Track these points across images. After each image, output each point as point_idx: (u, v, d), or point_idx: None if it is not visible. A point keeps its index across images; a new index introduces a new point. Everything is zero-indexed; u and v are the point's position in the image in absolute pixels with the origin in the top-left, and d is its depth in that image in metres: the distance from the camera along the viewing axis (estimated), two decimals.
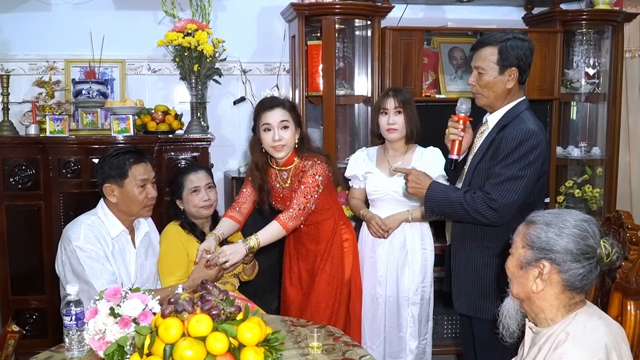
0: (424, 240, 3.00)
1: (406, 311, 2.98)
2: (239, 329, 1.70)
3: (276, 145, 2.64)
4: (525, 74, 2.35)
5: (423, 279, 2.98)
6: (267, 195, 2.76)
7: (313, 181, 2.65)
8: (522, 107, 2.36)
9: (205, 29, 3.51)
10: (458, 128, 2.44)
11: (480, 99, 2.40)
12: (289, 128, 2.66)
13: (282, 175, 2.75)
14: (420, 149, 3.00)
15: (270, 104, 2.66)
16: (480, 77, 2.35)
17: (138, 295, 1.94)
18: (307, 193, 2.64)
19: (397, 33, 3.62)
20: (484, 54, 2.34)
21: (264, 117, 2.65)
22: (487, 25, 4.04)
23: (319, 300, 2.78)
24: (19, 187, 3.28)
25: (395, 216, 2.94)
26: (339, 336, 2.19)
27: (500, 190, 2.23)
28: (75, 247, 2.35)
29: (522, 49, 2.29)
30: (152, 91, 3.80)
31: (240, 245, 2.53)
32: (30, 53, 3.65)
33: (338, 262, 2.81)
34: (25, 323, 3.31)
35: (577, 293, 1.57)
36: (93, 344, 1.90)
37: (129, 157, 2.47)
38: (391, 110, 2.92)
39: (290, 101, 2.82)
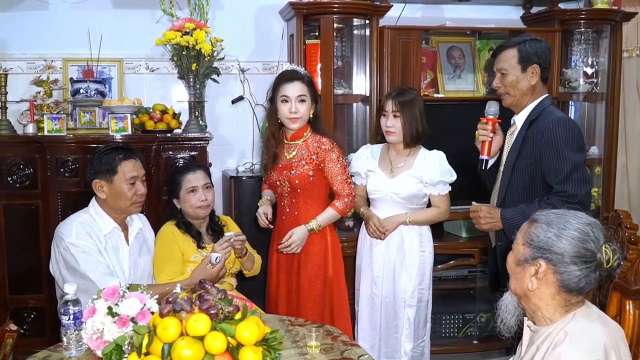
0: (422, 243, 2.98)
1: (402, 313, 2.96)
2: (237, 329, 1.69)
3: (292, 117, 2.77)
4: (546, 71, 2.49)
5: (421, 281, 2.96)
6: (273, 162, 2.85)
7: (341, 165, 2.82)
8: (547, 103, 2.49)
9: (203, 28, 3.50)
10: (487, 129, 2.54)
11: (506, 98, 2.52)
12: (305, 102, 2.79)
13: (289, 148, 2.85)
14: (424, 151, 2.98)
15: (291, 76, 2.80)
16: (504, 77, 2.49)
17: (136, 294, 1.93)
18: (346, 177, 2.83)
19: (396, 32, 3.62)
20: (505, 56, 2.49)
21: (282, 89, 2.78)
22: (485, 24, 4.05)
23: (305, 300, 2.82)
24: (16, 186, 3.27)
25: (392, 218, 2.92)
26: (337, 335, 2.18)
27: (572, 184, 2.32)
28: (68, 243, 2.34)
29: (540, 48, 2.46)
30: (150, 90, 3.79)
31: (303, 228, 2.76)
32: (28, 52, 3.64)
33: (320, 261, 2.84)
34: (23, 322, 3.30)
35: (573, 295, 1.57)
36: (91, 343, 1.90)
37: (119, 153, 2.47)
38: (389, 112, 2.90)
39: (309, 76, 2.93)
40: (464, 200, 3.72)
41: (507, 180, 2.49)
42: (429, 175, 2.90)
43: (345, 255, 3.44)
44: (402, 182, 2.92)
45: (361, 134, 3.82)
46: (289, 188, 2.82)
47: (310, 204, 2.85)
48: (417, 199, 2.94)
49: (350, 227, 3.70)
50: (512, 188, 2.48)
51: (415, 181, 2.91)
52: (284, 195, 2.87)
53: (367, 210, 3.01)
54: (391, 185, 2.93)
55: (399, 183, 2.91)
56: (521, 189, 2.47)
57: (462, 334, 3.73)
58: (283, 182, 2.82)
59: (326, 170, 2.81)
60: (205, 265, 2.52)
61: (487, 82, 3.93)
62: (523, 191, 2.46)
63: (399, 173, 2.94)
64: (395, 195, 2.92)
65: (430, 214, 2.98)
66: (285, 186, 2.83)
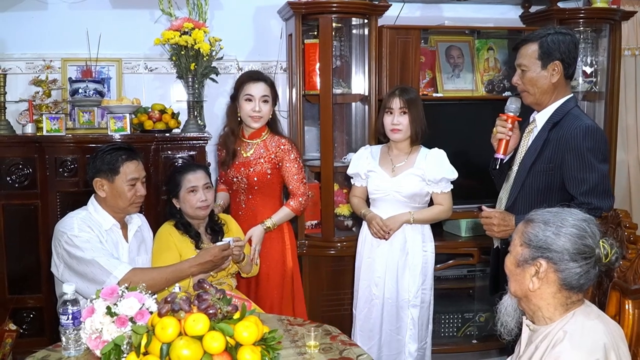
0: (424, 242, 2.98)
1: (406, 313, 2.95)
2: (236, 328, 1.70)
3: (254, 115, 2.91)
4: (571, 68, 2.35)
5: (423, 281, 2.96)
6: (232, 159, 2.98)
7: (298, 165, 2.97)
8: (572, 104, 2.36)
9: (202, 27, 3.49)
10: (506, 127, 2.42)
11: (526, 96, 2.41)
12: (268, 103, 2.94)
13: (246, 146, 2.98)
14: (425, 150, 2.98)
15: (256, 76, 2.97)
16: (524, 74, 2.37)
17: (135, 294, 1.93)
18: (302, 177, 2.98)
19: (394, 32, 3.61)
20: (525, 51, 2.36)
21: (247, 88, 2.92)
22: (484, 23, 4.04)
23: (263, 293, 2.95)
24: (15, 186, 3.26)
25: (396, 217, 2.91)
26: (336, 335, 2.18)
27: (597, 196, 2.24)
28: (71, 235, 2.34)
29: (564, 43, 2.30)
30: (149, 90, 3.79)
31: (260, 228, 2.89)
32: (27, 52, 3.63)
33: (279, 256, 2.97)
34: (23, 322, 3.29)
35: (574, 292, 1.57)
36: (90, 343, 1.91)
37: (122, 154, 2.48)
38: (396, 110, 2.90)
39: (272, 79, 3.06)
40: (463, 200, 3.76)
41: (521, 182, 2.38)
42: (432, 173, 2.90)
43: (345, 254, 3.46)
44: (405, 180, 2.91)
45: (360, 133, 3.82)
46: (246, 185, 2.95)
47: (266, 201, 2.97)
48: (419, 197, 2.94)
49: (350, 226, 3.70)
50: (526, 191, 2.36)
51: (417, 179, 2.91)
52: (240, 192, 2.99)
53: (368, 211, 3.00)
54: (393, 184, 2.93)
55: (401, 182, 2.91)
56: (535, 193, 2.35)
57: (461, 333, 3.73)
58: (241, 179, 2.95)
59: (283, 169, 2.94)
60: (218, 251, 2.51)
61: (486, 82, 3.94)
62: (537, 195, 2.34)
63: (400, 172, 2.93)
64: (398, 194, 2.92)
65: (433, 212, 2.97)
66: (243, 183, 2.95)
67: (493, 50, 3.98)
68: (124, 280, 2.22)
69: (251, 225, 2.92)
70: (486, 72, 3.95)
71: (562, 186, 2.30)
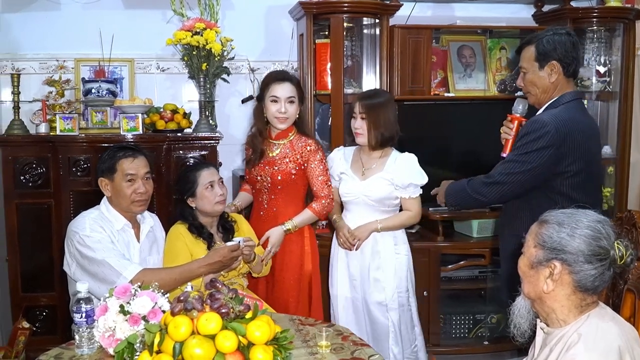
0: (397, 245, 2.96)
1: (385, 317, 2.92)
2: (248, 328, 1.70)
3: (280, 117, 2.85)
4: (570, 67, 2.39)
5: (398, 284, 2.93)
6: (259, 159, 2.92)
7: (323, 167, 2.91)
8: (564, 100, 2.39)
9: (213, 27, 3.51)
10: (510, 127, 2.50)
11: (529, 97, 2.49)
12: (294, 103, 2.88)
13: (272, 146, 2.92)
14: (396, 153, 2.97)
15: (282, 77, 2.89)
16: (524, 76, 2.45)
17: (147, 293, 1.94)
18: (327, 179, 2.91)
19: (406, 31, 3.61)
20: (525, 54, 2.44)
21: (272, 89, 2.86)
22: (496, 22, 4.02)
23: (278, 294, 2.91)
24: (29, 186, 3.29)
25: (364, 227, 2.91)
26: (347, 335, 2.18)
27: (497, 168, 2.39)
28: (83, 235, 2.36)
29: (560, 43, 2.36)
30: (161, 90, 3.81)
31: (279, 229, 2.84)
32: (40, 52, 3.67)
33: (296, 259, 2.91)
34: (36, 320, 3.32)
35: (588, 294, 1.56)
36: (103, 341, 1.91)
37: (120, 151, 2.50)
38: (357, 114, 2.90)
39: (298, 78, 3.04)
40: None
41: None
42: (400, 178, 2.89)
43: None
44: (374, 184, 2.90)
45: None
46: (269, 184, 2.90)
47: (288, 202, 2.92)
48: (388, 201, 2.93)
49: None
50: None
51: (386, 183, 2.90)
52: (262, 191, 2.94)
53: (339, 218, 3.00)
54: (363, 188, 2.91)
55: (371, 185, 2.90)
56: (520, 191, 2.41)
57: (473, 334, 3.71)
58: (264, 177, 2.90)
59: (308, 170, 2.89)
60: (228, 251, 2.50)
61: (498, 81, 3.92)
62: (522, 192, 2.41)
63: (370, 175, 2.93)
64: (367, 197, 2.91)
65: (401, 218, 2.96)
66: (266, 182, 2.90)
67: (505, 49, 3.96)
68: (134, 281, 2.22)
69: (272, 225, 2.87)
70: (498, 71, 3.94)
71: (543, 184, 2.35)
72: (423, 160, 3.61)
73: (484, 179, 2.43)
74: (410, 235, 3.73)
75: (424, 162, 3.60)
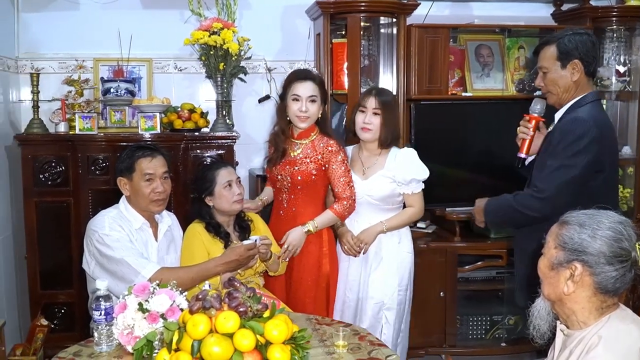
0: (401, 243, 2.94)
1: (381, 316, 2.90)
2: (266, 327, 1.71)
3: (301, 115, 2.83)
4: (591, 66, 2.39)
5: (400, 282, 2.91)
6: (281, 158, 2.90)
7: (345, 168, 2.86)
8: (589, 99, 2.38)
9: (230, 27, 3.52)
10: (528, 127, 2.48)
11: (550, 97, 2.46)
12: (316, 102, 2.85)
13: (294, 146, 2.90)
14: (395, 150, 2.94)
15: (303, 75, 2.87)
16: (545, 76, 2.42)
17: (166, 291, 1.96)
18: (348, 180, 2.85)
19: (423, 30, 3.60)
20: (545, 54, 2.42)
21: (294, 88, 2.85)
22: (514, 22, 3.99)
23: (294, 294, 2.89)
24: (48, 184, 3.32)
25: (369, 230, 2.88)
26: (364, 335, 2.18)
27: (546, 179, 2.29)
28: (102, 234, 2.39)
29: (581, 42, 2.35)
30: (179, 89, 3.83)
31: (300, 231, 2.81)
32: (59, 52, 3.70)
33: (314, 260, 2.88)
34: (54, 317, 3.34)
35: (609, 296, 1.54)
36: (122, 339, 1.93)
37: (138, 151, 2.52)
38: (369, 109, 2.86)
39: (321, 77, 3.01)
40: None
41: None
42: (401, 174, 2.86)
43: None
44: (376, 183, 2.88)
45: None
46: (289, 184, 2.88)
47: (308, 202, 2.90)
48: (392, 199, 2.91)
49: None
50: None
51: (388, 181, 2.88)
52: (282, 191, 2.93)
53: (342, 224, 2.96)
54: (365, 187, 2.89)
55: (372, 184, 2.88)
56: None
57: (490, 336, 3.69)
58: (285, 177, 2.88)
59: (330, 171, 2.85)
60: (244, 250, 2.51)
61: (516, 81, 3.90)
62: None
63: (371, 174, 2.91)
64: (370, 197, 2.89)
65: (405, 216, 2.94)
66: (286, 181, 2.88)
67: (524, 48, 3.94)
68: (152, 279, 2.24)
69: (291, 225, 2.86)
70: (517, 71, 3.92)
71: None
72: (439, 160, 3.63)
73: (534, 192, 2.32)
74: (427, 235, 3.75)
75: (440, 162, 3.62)
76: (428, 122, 3.70)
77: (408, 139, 3.65)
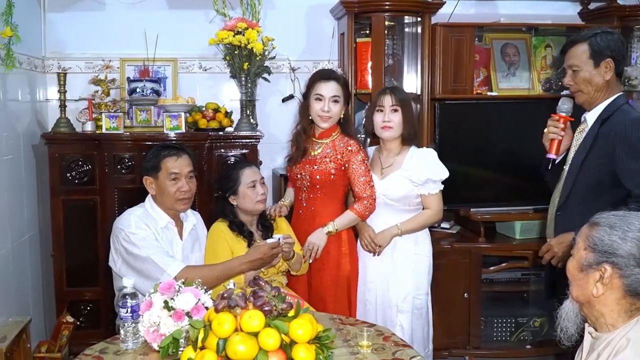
0: (417, 246, 2.91)
1: (392, 320, 2.87)
2: (291, 326, 1.71)
3: (323, 115, 2.84)
4: (621, 65, 2.37)
5: (417, 287, 2.88)
6: (301, 157, 2.92)
7: (365, 167, 2.84)
8: (622, 101, 2.37)
9: (255, 27, 3.54)
10: (558, 127, 2.44)
11: (579, 96, 2.42)
12: (338, 103, 2.85)
13: (315, 145, 2.92)
14: (414, 149, 2.91)
15: (327, 75, 2.87)
16: (576, 74, 2.39)
17: (191, 289, 1.98)
18: (369, 180, 2.83)
19: (448, 29, 3.59)
20: (575, 52, 2.38)
21: (317, 87, 2.85)
22: (541, 20, 3.96)
23: (315, 293, 2.90)
24: (75, 182, 3.36)
25: (384, 233, 2.86)
26: (388, 335, 2.17)
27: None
28: (129, 232, 2.42)
29: (613, 41, 2.33)
30: (203, 89, 3.86)
31: (321, 233, 2.81)
32: (86, 52, 3.75)
33: (334, 260, 2.87)
34: (80, 314, 3.39)
35: (638, 299, 1.52)
36: (147, 336, 1.95)
37: (164, 150, 2.55)
38: (387, 107, 2.84)
39: (345, 77, 2.99)
40: (518, 201, 3.70)
41: (573, 180, 2.38)
42: (418, 174, 2.83)
43: None
44: (392, 183, 2.86)
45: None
46: (308, 182, 2.89)
47: (327, 202, 2.90)
48: (408, 199, 2.88)
49: None
50: (577, 187, 2.36)
51: (405, 181, 2.85)
52: (302, 190, 2.94)
53: None
54: (381, 187, 2.87)
55: (389, 184, 2.86)
56: (585, 189, 2.35)
57: (515, 338, 3.66)
58: (304, 176, 2.89)
59: (350, 170, 2.85)
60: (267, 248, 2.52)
61: (543, 80, 3.86)
62: (588, 191, 2.34)
63: (388, 174, 2.89)
64: (386, 197, 2.87)
65: (421, 219, 2.90)
66: (306, 180, 2.89)
67: (551, 47, 3.90)
68: (178, 278, 2.26)
69: (310, 224, 2.88)
70: (543, 70, 3.88)
71: (614, 182, 2.29)
72: (464, 160, 3.61)
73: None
74: (451, 236, 3.73)
75: (464, 162, 3.60)
76: (453, 122, 3.68)
77: (432, 138, 3.63)
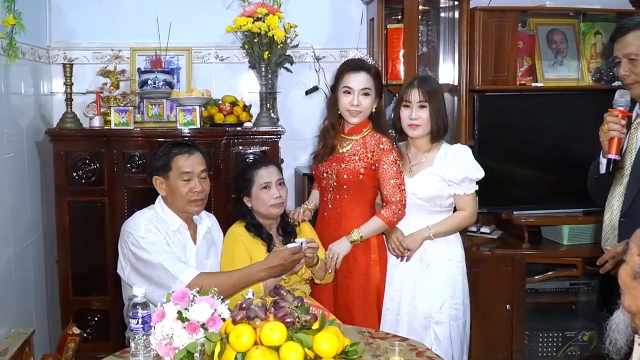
0: (450, 250, 2.85)
1: (428, 332, 2.81)
2: (315, 339, 1.70)
3: (352, 110, 2.78)
4: None
5: (452, 295, 2.82)
6: (329, 154, 2.87)
7: (397, 169, 2.78)
8: None
9: (276, 13, 3.54)
10: (620, 123, 2.32)
11: (637, 87, 2.34)
12: (369, 96, 2.79)
13: (344, 142, 2.86)
14: (447, 146, 2.87)
15: (357, 66, 2.79)
16: (634, 63, 2.30)
17: (206, 299, 1.96)
18: (399, 183, 2.77)
19: (488, 14, 3.56)
20: (631, 39, 2.30)
21: (346, 79, 2.79)
22: (590, 5, 3.88)
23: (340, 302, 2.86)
24: (82, 182, 3.38)
25: (414, 236, 2.81)
26: (422, 351, 2.15)
27: None
28: (138, 237, 2.42)
29: None
30: (220, 81, 3.87)
31: (345, 243, 2.77)
32: (94, 41, 3.77)
33: (362, 268, 2.83)
34: (87, 325, 3.39)
35: None
36: (160, 350, 1.94)
37: (174, 148, 2.54)
38: (414, 103, 2.79)
39: (377, 67, 2.92)
40: (565, 203, 3.64)
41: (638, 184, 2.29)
42: (452, 172, 2.78)
43: None
44: (422, 181, 2.81)
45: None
46: (335, 182, 2.84)
47: (355, 204, 2.84)
48: (440, 200, 2.83)
49: None
50: None
51: (436, 179, 2.80)
52: (327, 190, 2.89)
53: None
54: (410, 186, 2.82)
55: (418, 182, 2.81)
56: None
57: (562, 353, 3.62)
58: (330, 175, 2.85)
59: (380, 171, 2.79)
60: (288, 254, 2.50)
61: (593, 70, 3.80)
62: None
63: (418, 171, 2.84)
64: (414, 196, 2.81)
65: (455, 221, 2.85)
66: (332, 179, 2.85)
67: (601, 34, 3.85)
68: (191, 286, 2.24)
69: (335, 228, 2.84)
70: (593, 59, 3.83)
71: None
72: (505, 158, 3.57)
73: None
74: (491, 242, 3.69)
75: (506, 160, 3.56)
76: (493, 116, 3.65)
77: (471, 134, 3.60)
